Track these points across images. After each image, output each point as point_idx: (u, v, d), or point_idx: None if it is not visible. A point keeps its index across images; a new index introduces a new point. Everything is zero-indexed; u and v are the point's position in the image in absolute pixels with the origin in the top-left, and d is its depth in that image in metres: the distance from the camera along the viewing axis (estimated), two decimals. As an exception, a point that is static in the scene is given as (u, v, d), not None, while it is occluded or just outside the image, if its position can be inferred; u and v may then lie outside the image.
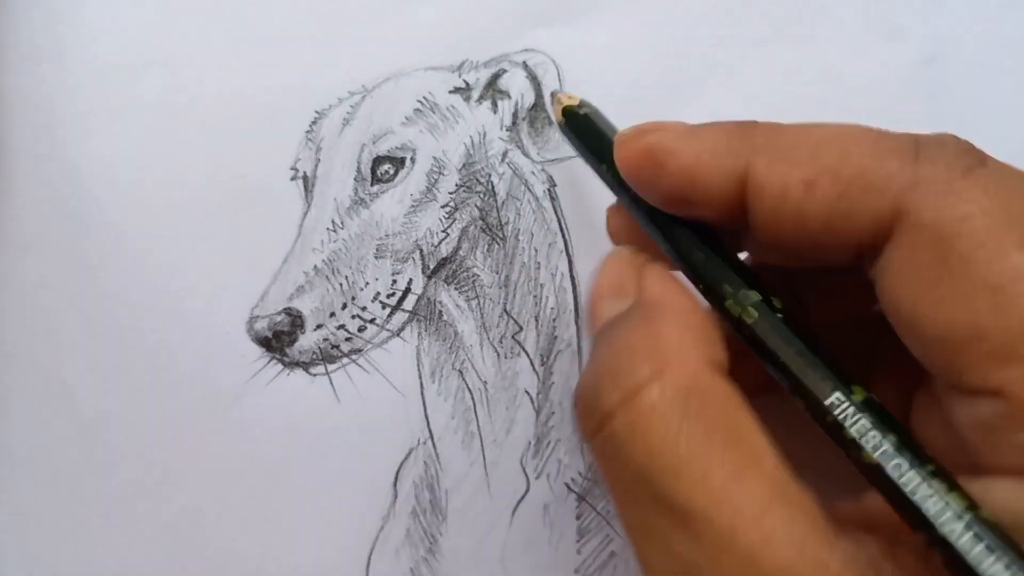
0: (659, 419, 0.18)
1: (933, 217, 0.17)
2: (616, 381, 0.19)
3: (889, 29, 0.30)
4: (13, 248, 0.30)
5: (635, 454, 0.18)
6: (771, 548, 0.17)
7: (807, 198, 0.19)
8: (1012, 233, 0.16)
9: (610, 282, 0.21)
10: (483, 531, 0.28)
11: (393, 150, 0.30)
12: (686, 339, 0.19)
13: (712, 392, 0.18)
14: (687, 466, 0.17)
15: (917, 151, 0.18)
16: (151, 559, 0.28)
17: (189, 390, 0.29)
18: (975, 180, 0.17)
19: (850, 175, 0.18)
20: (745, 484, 0.17)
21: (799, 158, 0.19)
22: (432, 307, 0.29)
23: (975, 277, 0.16)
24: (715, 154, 0.20)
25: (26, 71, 0.31)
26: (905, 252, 0.18)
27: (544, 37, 0.31)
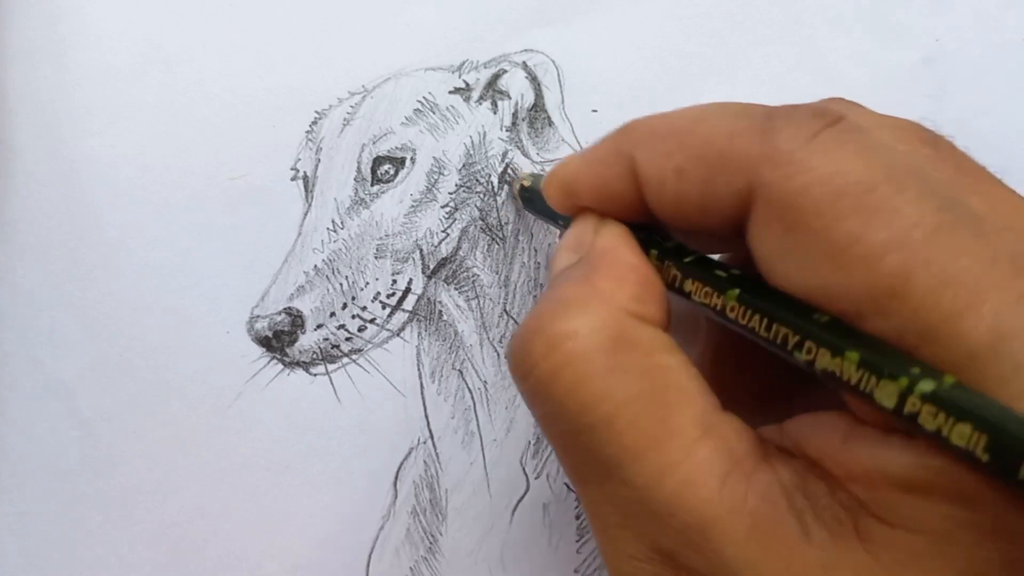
0: (584, 370, 0.19)
1: (776, 191, 0.18)
2: (543, 331, 0.19)
3: (889, 29, 0.30)
4: (13, 248, 0.30)
5: (563, 405, 0.19)
6: (693, 488, 0.17)
7: (680, 184, 0.20)
8: (845, 200, 0.17)
9: (570, 238, 0.22)
10: (483, 531, 0.28)
11: (393, 150, 0.30)
12: (618, 291, 0.20)
13: (639, 341, 0.19)
14: (614, 416, 0.18)
15: (766, 125, 0.19)
16: (151, 559, 0.28)
17: (189, 390, 0.29)
18: (817, 145, 0.18)
19: (710, 158, 0.19)
20: (671, 429, 0.18)
21: (669, 147, 0.20)
22: (432, 307, 0.29)
23: (817, 246, 0.17)
24: (607, 164, 0.21)
25: (26, 71, 0.31)
26: (761, 227, 0.18)
27: (544, 37, 0.31)
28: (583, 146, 0.30)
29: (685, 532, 0.17)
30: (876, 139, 0.18)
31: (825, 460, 0.18)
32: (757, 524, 0.17)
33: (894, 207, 0.17)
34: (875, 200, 0.17)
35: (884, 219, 0.16)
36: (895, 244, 0.16)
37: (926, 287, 0.16)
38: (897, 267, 0.16)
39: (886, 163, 0.17)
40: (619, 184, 0.21)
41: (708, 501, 0.17)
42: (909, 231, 0.16)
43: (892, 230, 0.16)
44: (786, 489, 0.18)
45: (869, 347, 0.17)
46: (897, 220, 0.16)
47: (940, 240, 0.16)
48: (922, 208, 0.17)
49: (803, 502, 0.17)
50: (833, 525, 0.17)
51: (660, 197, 0.20)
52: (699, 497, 0.17)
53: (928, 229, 0.16)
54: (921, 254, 0.16)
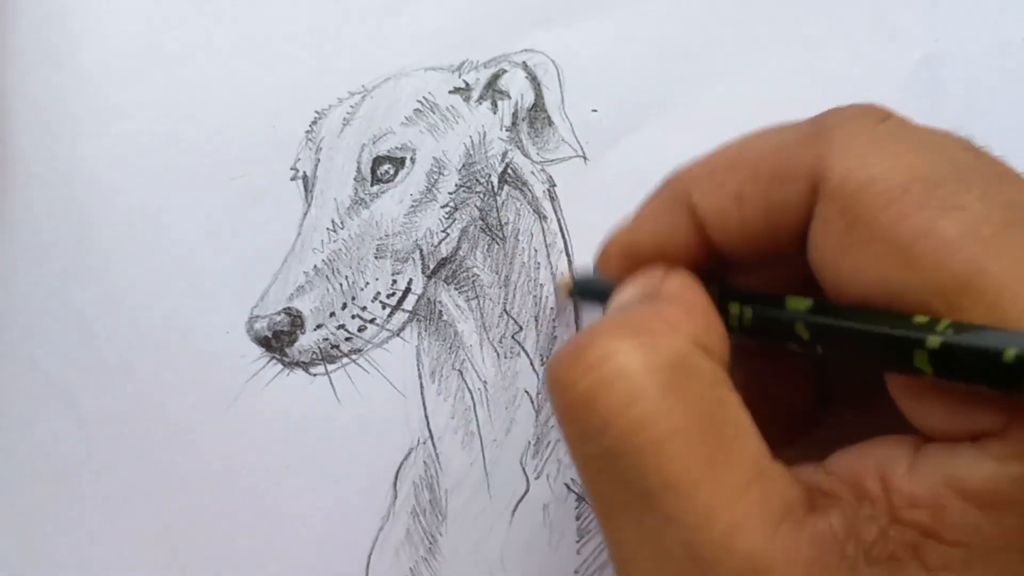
0: (641, 385, 0.17)
1: (839, 186, 0.17)
2: (599, 343, 0.18)
3: (889, 29, 0.30)
4: (13, 248, 0.30)
5: (609, 422, 0.17)
6: (745, 533, 0.16)
7: (741, 209, 0.19)
8: (912, 193, 0.17)
9: (639, 279, 0.22)
10: (483, 531, 0.28)
11: (393, 150, 0.30)
12: (684, 320, 0.19)
13: (701, 370, 0.18)
14: (667, 441, 0.17)
15: (819, 125, 0.19)
16: (151, 559, 0.28)
17: (189, 390, 0.29)
18: (876, 141, 0.18)
19: (766, 173, 0.19)
20: (726, 464, 0.17)
21: (722, 178, 0.20)
22: (432, 307, 0.29)
23: (882, 240, 0.17)
24: (661, 215, 0.21)
25: (26, 71, 0.31)
26: (822, 224, 0.18)
27: (544, 37, 0.31)
28: (583, 146, 0.30)
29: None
30: (931, 137, 0.18)
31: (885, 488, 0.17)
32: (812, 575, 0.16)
33: (963, 203, 0.16)
34: (943, 196, 0.16)
35: (954, 215, 0.16)
36: (966, 239, 0.16)
37: (1000, 282, 0.15)
38: (969, 262, 0.16)
39: (948, 160, 0.17)
40: (680, 232, 0.21)
41: (761, 549, 0.16)
42: (979, 226, 0.16)
43: (963, 226, 0.16)
44: (837, 537, 0.17)
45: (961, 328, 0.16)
46: (967, 216, 0.16)
47: (1011, 236, 0.16)
48: (989, 204, 0.16)
49: (855, 549, 0.17)
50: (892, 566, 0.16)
51: (723, 229, 0.20)
52: (752, 543, 0.16)
53: (998, 225, 0.16)
54: (993, 249, 0.16)
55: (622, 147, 0.30)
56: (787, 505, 0.17)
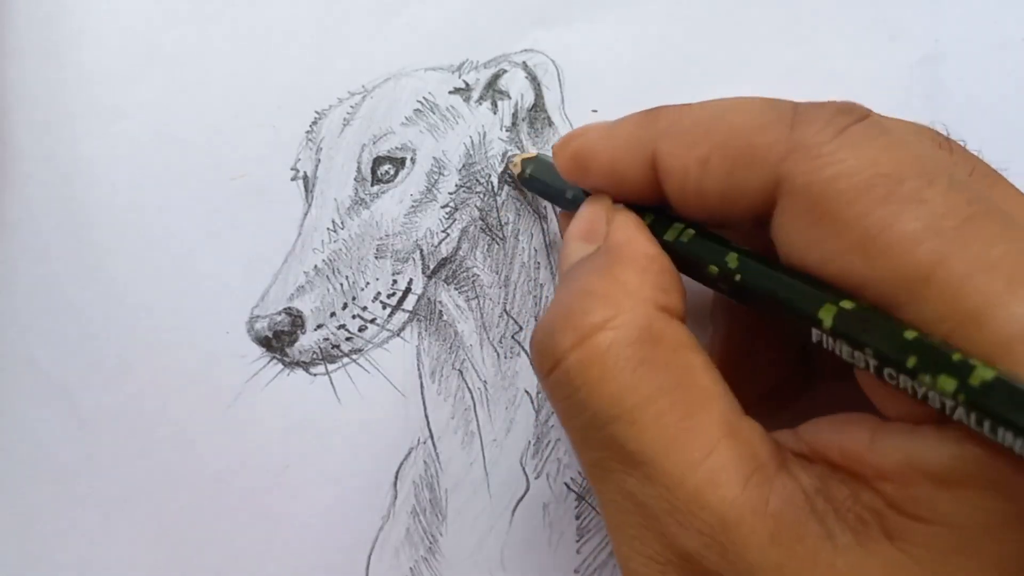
0: (612, 363, 0.19)
1: (805, 182, 0.18)
2: (571, 323, 0.19)
3: (889, 29, 0.30)
4: (13, 248, 0.30)
5: (589, 397, 0.19)
6: (716, 488, 0.18)
7: (703, 175, 0.20)
8: (875, 190, 0.17)
9: (582, 225, 0.22)
10: (483, 531, 0.28)
11: (393, 150, 0.30)
12: (642, 284, 0.20)
13: (665, 336, 0.19)
14: (640, 409, 0.18)
15: (793, 119, 0.19)
16: (151, 559, 0.28)
17: (189, 390, 0.29)
18: (845, 139, 0.18)
19: (735, 150, 0.19)
20: (695, 426, 0.18)
21: (694, 138, 0.20)
22: (432, 307, 0.29)
23: (847, 234, 0.17)
24: (627, 146, 0.21)
25: (26, 71, 0.31)
26: (786, 217, 0.18)
27: (544, 37, 0.31)
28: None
29: (708, 533, 0.17)
30: (902, 136, 0.18)
31: (850, 462, 0.18)
32: (780, 527, 0.17)
33: (925, 198, 0.17)
34: (905, 191, 0.17)
35: (915, 209, 0.17)
36: (928, 232, 0.16)
37: (961, 273, 0.16)
38: (931, 254, 0.16)
39: (914, 157, 0.17)
40: (637, 168, 0.21)
41: (731, 501, 0.17)
42: (941, 220, 0.16)
43: (924, 219, 0.16)
44: (807, 493, 0.18)
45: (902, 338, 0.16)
46: (929, 210, 0.16)
47: (973, 229, 0.16)
48: (952, 199, 0.17)
49: (825, 506, 0.17)
50: (858, 527, 0.17)
51: (681, 187, 0.20)
52: (722, 497, 0.17)
53: (960, 218, 0.16)
54: (955, 242, 0.16)
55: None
56: (757, 460, 0.18)
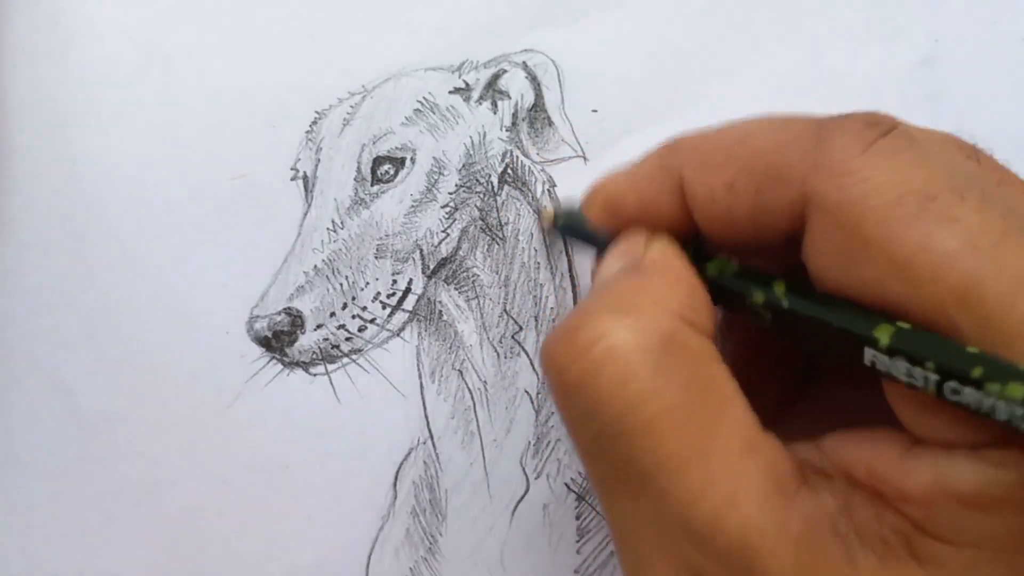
0: (630, 367, 0.18)
1: (834, 201, 0.17)
2: (589, 324, 0.18)
3: (889, 29, 0.30)
4: (13, 248, 0.30)
5: (601, 404, 0.18)
6: (735, 508, 0.17)
7: (731, 199, 0.19)
8: (906, 208, 0.17)
9: (620, 248, 0.22)
10: (483, 531, 0.28)
11: (393, 150, 0.30)
12: (670, 295, 0.19)
13: (688, 346, 0.18)
14: (658, 420, 0.17)
15: (818, 135, 0.18)
16: (151, 559, 0.28)
17: (189, 390, 0.29)
18: (873, 154, 0.17)
19: (761, 170, 0.19)
20: (715, 441, 0.17)
21: (718, 162, 0.20)
22: (432, 307, 0.29)
23: (880, 255, 0.17)
24: (652, 181, 0.21)
25: (26, 71, 0.31)
26: (818, 237, 0.18)
27: (544, 37, 0.31)
28: (583, 146, 0.30)
29: (726, 555, 0.17)
30: (930, 148, 0.18)
31: (876, 481, 0.17)
32: (803, 551, 0.16)
33: (958, 216, 0.16)
34: (938, 208, 0.16)
35: (949, 227, 0.16)
36: (964, 252, 0.16)
37: (998, 293, 0.15)
38: (967, 275, 0.16)
39: (945, 172, 0.17)
40: (666, 201, 0.21)
41: (752, 523, 0.17)
42: (976, 239, 0.16)
43: (959, 238, 0.16)
44: (829, 514, 0.17)
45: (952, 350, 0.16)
46: (963, 228, 0.16)
47: (1008, 247, 0.16)
48: (986, 216, 0.16)
49: (847, 527, 0.17)
50: (881, 549, 0.16)
51: (710, 213, 0.20)
52: (743, 517, 0.17)
53: (995, 236, 0.16)
54: (990, 260, 0.16)
55: (622, 147, 0.30)
56: (778, 479, 0.17)
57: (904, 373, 0.17)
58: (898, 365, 0.17)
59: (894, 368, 0.17)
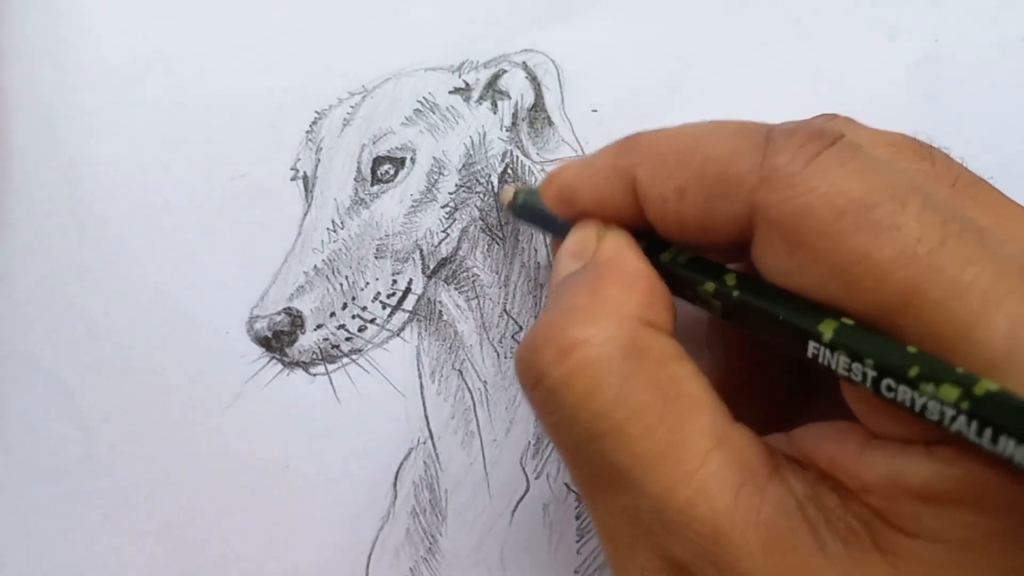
0: (597, 379, 0.19)
1: (778, 211, 0.18)
2: (554, 338, 0.19)
3: (889, 29, 0.30)
4: (13, 248, 0.30)
5: (575, 413, 0.19)
6: (707, 498, 0.17)
7: (681, 204, 0.20)
8: (847, 218, 0.17)
9: (573, 242, 0.22)
10: (483, 531, 0.28)
11: (393, 150, 0.30)
12: (627, 299, 0.20)
13: (650, 349, 0.19)
14: (628, 424, 0.18)
15: (766, 146, 0.19)
16: (151, 559, 0.28)
17: (189, 390, 0.29)
18: (817, 166, 0.18)
19: (710, 179, 0.19)
20: (684, 438, 0.18)
21: (670, 167, 0.20)
22: (432, 307, 0.29)
23: (824, 265, 0.17)
24: (607, 176, 0.21)
25: (26, 71, 0.31)
26: (765, 246, 0.18)
27: (544, 37, 0.31)
28: (583, 146, 0.30)
29: (700, 543, 0.17)
30: (875, 157, 0.18)
31: (838, 471, 0.18)
32: (772, 536, 0.17)
33: (897, 223, 0.17)
34: (877, 217, 0.17)
35: (888, 236, 0.16)
36: (902, 259, 0.16)
37: (937, 298, 0.16)
38: (906, 281, 0.16)
39: (887, 181, 0.17)
40: (619, 197, 0.21)
41: (723, 512, 0.17)
42: (914, 246, 0.16)
43: (897, 246, 0.16)
44: (799, 501, 0.18)
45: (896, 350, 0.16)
46: (901, 236, 0.16)
47: (946, 252, 0.16)
48: (925, 223, 0.17)
49: (816, 514, 0.17)
50: (848, 537, 0.17)
51: (662, 215, 0.20)
52: (713, 508, 0.17)
53: (933, 242, 0.16)
54: (928, 267, 0.16)
55: (622, 147, 0.30)
56: (748, 468, 0.18)
57: (844, 368, 0.17)
58: (839, 360, 0.17)
59: (835, 363, 0.17)
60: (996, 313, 0.15)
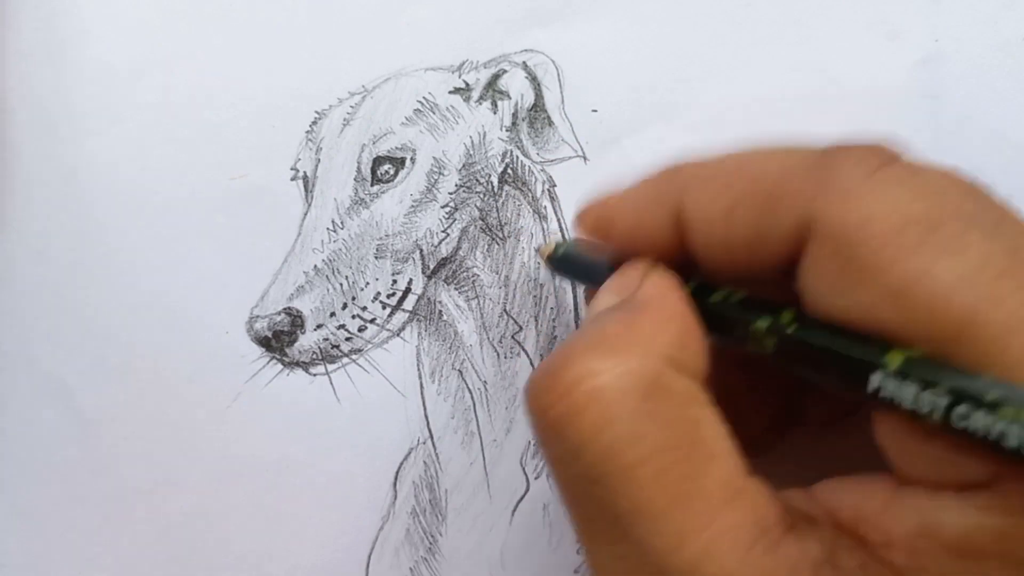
0: (610, 412, 0.17)
1: (836, 224, 0.17)
2: (573, 364, 0.18)
3: (889, 29, 0.30)
4: (13, 248, 0.30)
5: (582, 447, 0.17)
6: (715, 559, 0.16)
7: (729, 225, 0.19)
8: (909, 235, 0.16)
9: (616, 281, 0.21)
10: (483, 531, 0.28)
11: (393, 150, 0.30)
12: (658, 336, 0.19)
13: (673, 390, 0.18)
14: (638, 467, 0.17)
15: (822, 160, 0.18)
16: (151, 559, 0.29)
17: (189, 390, 0.29)
18: (877, 181, 0.17)
19: (762, 196, 0.19)
20: (697, 489, 0.17)
21: (719, 188, 0.19)
22: (432, 307, 0.29)
23: (877, 282, 0.16)
24: (650, 203, 0.21)
25: (26, 71, 0.31)
26: (816, 262, 0.18)
27: (544, 37, 0.31)
28: (583, 146, 0.30)
29: None
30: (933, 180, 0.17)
31: (862, 525, 0.17)
32: None
33: (960, 247, 0.16)
34: (940, 239, 0.16)
35: (951, 259, 0.16)
36: (964, 284, 0.15)
37: (996, 329, 0.15)
38: (966, 307, 0.15)
39: (949, 203, 0.17)
40: (659, 225, 0.21)
41: (732, 573, 0.16)
42: (978, 272, 0.15)
43: (960, 269, 0.16)
44: (814, 562, 0.16)
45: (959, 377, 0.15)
46: (965, 260, 0.16)
47: (1009, 282, 0.15)
48: (990, 248, 0.16)
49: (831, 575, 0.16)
50: None
51: (707, 240, 0.20)
52: (722, 568, 0.16)
53: (998, 269, 0.16)
54: (991, 295, 0.15)
55: (622, 147, 0.30)
56: (762, 526, 0.17)
57: (911, 397, 0.16)
58: (907, 389, 0.16)
59: (901, 392, 0.16)
60: None
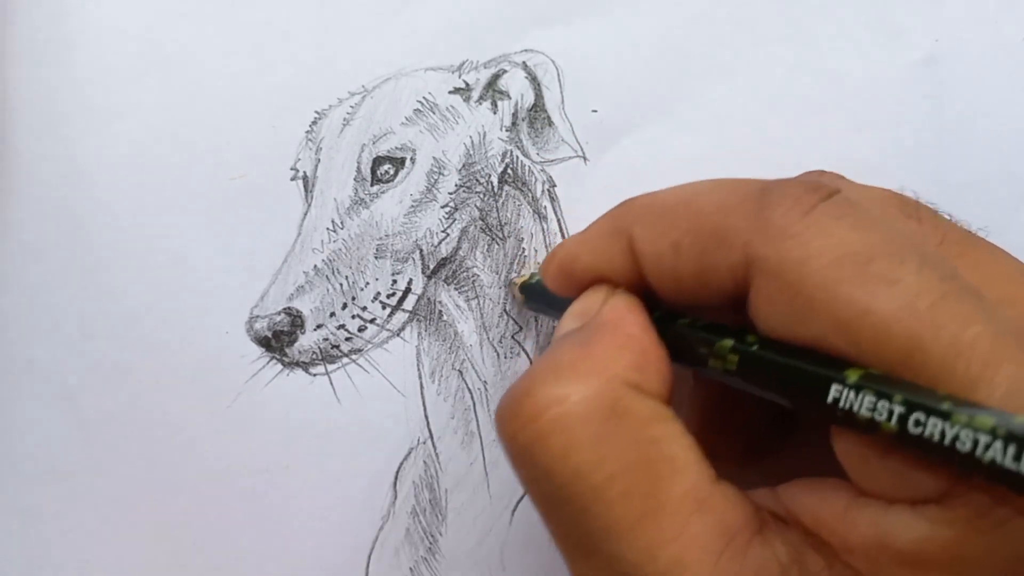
0: (572, 437, 0.18)
1: (776, 264, 0.18)
2: (534, 392, 0.19)
3: (889, 29, 0.30)
4: (13, 248, 0.30)
5: (550, 471, 0.18)
6: (685, 567, 0.17)
7: (676, 259, 0.20)
8: (846, 269, 0.17)
9: (579, 305, 0.22)
10: (483, 531, 0.28)
11: (393, 150, 0.30)
12: (615, 360, 0.19)
13: (631, 412, 0.18)
14: (604, 488, 0.18)
15: (761, 198, 0.19)
16: (151, 559, 0.28)
17: (189, 390, 0.29)
18: (813, 219, 0.18)
19: (705, 233, 0.19)
20: (662, 504, 0.18)
21: (666, 224, 0.20)
22: (432, 307, 0.29)
23: (824, 316, 0.17)
24: (604, 241, 0.22)
25: (27, 71, 0.31)
26: (763, 296, 0.18)
27: (544, 37, 0.31)
28: (583, 146, 0.30)
29: None
30: (871, 212, 0.18)
31: (822, 529, 0.17)
32: None
33: (896, 277, 0.16)
34: (877, 270, 0.17)
35: (888, 289, 0.16)
36: (903, 313, 0.16)
37: (939, 355, 0.16)
38: (907, 336, 0.16)
39: (883, 236, 0.17)
40: (617, 261, 0.21)
41: None
42: (914, 300, 0.16)
43: (899, 299, 0.16)
44: (782, 565, 0.17)
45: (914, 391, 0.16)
46: (901, 290, 0.16)
47: (946, 309, 0.16)
48: (924, 278, 0.16)
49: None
50: None
51: (658, 273, 0.20)
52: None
53: (933, 298, 0.16)
54: (930, 323, 0.16)
55: (622, 147, 0.30)
56: (729, 532, 0.17)
57: (868, 408, 0.17)
58: (864, 400, 0.17)
59: (859, 404, 0.17)
60: (995, 375, 0.15)
